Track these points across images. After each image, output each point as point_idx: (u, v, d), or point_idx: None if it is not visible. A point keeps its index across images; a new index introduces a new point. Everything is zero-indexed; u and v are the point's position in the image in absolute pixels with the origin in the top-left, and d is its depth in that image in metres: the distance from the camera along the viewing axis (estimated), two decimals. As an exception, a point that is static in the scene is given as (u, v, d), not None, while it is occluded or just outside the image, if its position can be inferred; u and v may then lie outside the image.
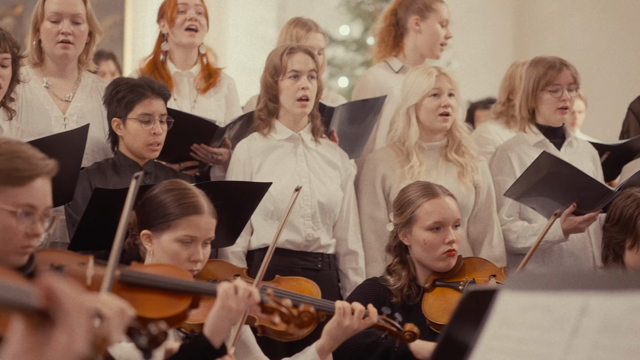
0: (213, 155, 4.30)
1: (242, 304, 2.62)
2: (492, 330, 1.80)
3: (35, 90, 4.12)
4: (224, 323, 2.64)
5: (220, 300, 2.61)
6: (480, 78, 8.72)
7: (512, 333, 1.75)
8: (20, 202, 2.34)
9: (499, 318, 1.80)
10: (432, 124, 4.30)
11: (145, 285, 2.55)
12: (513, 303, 1.79)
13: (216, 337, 2.62)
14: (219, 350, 2.63)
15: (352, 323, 3.12)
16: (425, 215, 3.62)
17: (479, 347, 1.80)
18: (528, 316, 1.74)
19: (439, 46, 4.84)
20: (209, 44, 8.45)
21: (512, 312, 1.78)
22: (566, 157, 4.45)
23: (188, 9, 4.47)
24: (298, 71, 4.11)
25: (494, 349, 1.77)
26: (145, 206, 3.18)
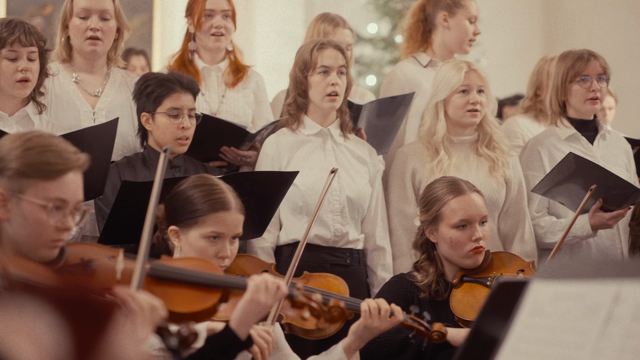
0: (242, 158, 4.30)
1: (271, 297, 2.61)
2: (523, 320, 1.78)
3: (65, 85, 4.15)
4: (251, 317, 2.62)
5: (250, 293, 2.59)
6: (509, 75, 8.67)
7: (543, 322, 1.74)
8: (51, 196, 2.34)
9: (530, 307, 1.79)
10: (460, 119, 4.29)
11: (175, 279, 2.54)
12: (544, 292, 1.78)
13: (242, 329, 2.60)
14: (244, 343, 2.61)
15: (379, 324, 3.11)
16: (452, 213, 3.59)
17: (510, 337, 1.79)
18: (560, 305, 1.73)
19: (467, 42, 4.83)
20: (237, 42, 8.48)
21: (544, 302, 1.77)
22: (599, 150, 4.45)
23: (215, 15, 4.48)
24: (328, 67, 4.10)
25: (525, 338, 1.76)
26: (173, 201, 3.17)
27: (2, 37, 3.76)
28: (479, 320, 2.17)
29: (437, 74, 4.36)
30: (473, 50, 8.73)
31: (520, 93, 6.33)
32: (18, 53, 3.77)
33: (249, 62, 4.82)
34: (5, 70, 3.78)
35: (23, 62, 3.77)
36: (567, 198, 4.23)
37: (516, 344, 1.77)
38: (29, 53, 3.79)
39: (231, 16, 4.52)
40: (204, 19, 4.46)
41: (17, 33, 3.76)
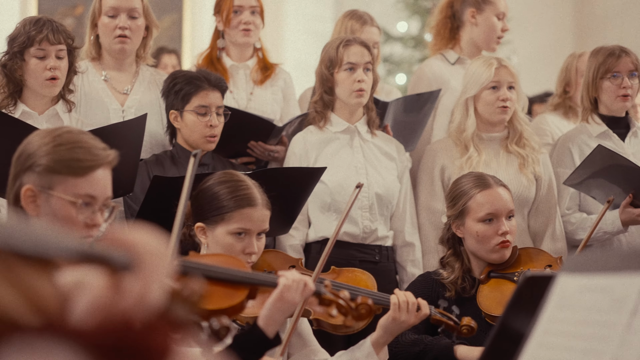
0: (270, 153, 4.31)
1: (299, 295, 2.60)
2: (549, 314, 1.78)
3: (94, 84, 4.17)
4: (280, 315, 2.61)
5: (279, 292, 2.58)
6: (540, 73, 8.62)
7: (570, 315, 1.73)
8: (81, 192, 2.34)
9: (556, 301, 1.78)
10: (490, 116, 4.27)
11: (203, 276, 2.55)
12: (571, 285, 1.77)
13: (270, 327, 2.59)
14: (272, 341, 2.59)
15: (407, 318, 3.09)
16: (478, 206, 3.57)
17: (536, 330, 1.78)
18: (586, 298, 1.72)
19: (496, 39, 4.79)
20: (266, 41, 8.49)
21: (570, 295, 1.76)
22: (630, 147, 4.41)
23: (243, 11, 4.49)
24: (354, 63, 4.09)
25: (551, 331, 1.75)
26: (199, 198, 3.18)
27: (30, 36, 3.78)
28: (505, 315, 2.17)
29: (467, 70, 4.35)
30: (503, 47, 8.75)
31: (549, 90, 6.29)
32: (46, 51, 3.79)
33: (278, 60, 4.83)
34: (34, 68, 3.80)
35: (51, 61, 3.79)
36: (599, 192, 4.19)
37: (543, 338, 1.76)
38: (58, 51, 3.81)
39: (259, 12, 4.54)
40: (232, 15, 4.48)
41: (45, 31, 3.78)
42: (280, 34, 9.19)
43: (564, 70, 5.16)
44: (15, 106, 3.86)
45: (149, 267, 1.25)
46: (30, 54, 3.80)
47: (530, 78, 8.11)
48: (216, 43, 4.58)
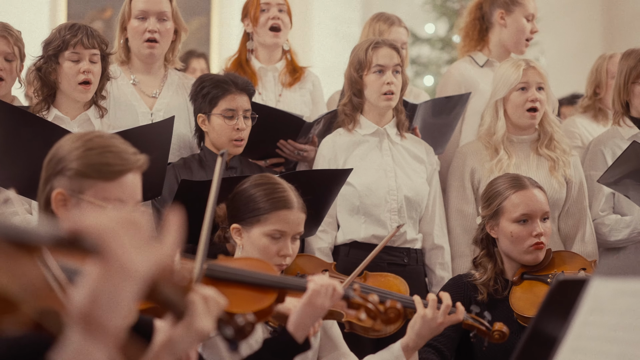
0: (299, 152, 4.30)
1: (328, 300, 2.60)
2: (582, 318, 1.75)
3: (123, 87, 4.19)
4: (309, 319, 2.61)
5: (309, 297, 2.58)
6: (568, 75, 8.57)
7: (603, 320, 1.71)
8: (110, 197, 2.33)
9: (590, 305, 1.76)
10: (519, 119, 4.25)
11: (232, 279, 2.53)
12: (605, 289, 1.75)
13: (299, 332, 2.59)
14: (302, 346, 2.59)
15: (436, 316, 3.04)
16: (513, 207, 3.56)
17: (569, 335, 1.76)
18: (620, 302, 1.70)
19: (525, 41, 4.76)
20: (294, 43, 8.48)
21: (604, 299, 1.74)
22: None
23: (270, 8, 4.52)
24: (383, 66, 4.09)
25: (584, 336, 1.73)
26: (235, 200, 3.20)
27: (65, 40, 3.82)
28: (538, 318, 2.15)
29: (496, 73, 4.34)
30: (532, 49, 8.71)
31: (577, 92, 6.24)
32: (80, 55, 3.82)
33: (306, 63, 4.83)
34: (68, 72, 3.82)
35: (85, 64, 3.82)
36: (634, 193, 4.16)
37: (575, 342, 1.74)
38: (91, 55, 3.83)
39: (286, 11, 4.55)
40: (260, 13, 4.50)
41: (80, 35, 3.81)
42: (308, 37, 9.19)
43: (594, 71, 5.12)
44: (48, 111, 3.89)
45: (114, 244, 1.29)
46: (64, 57, 3.83)
47: (559, 80, 8.04)
48: (245, 46, 4.59)
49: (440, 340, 3.41)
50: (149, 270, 1.34)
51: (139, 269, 1.32)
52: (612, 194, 4.38)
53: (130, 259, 1.31)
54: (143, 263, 1.33)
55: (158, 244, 1.38)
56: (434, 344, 3.41)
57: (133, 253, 1.32)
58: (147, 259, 1.34)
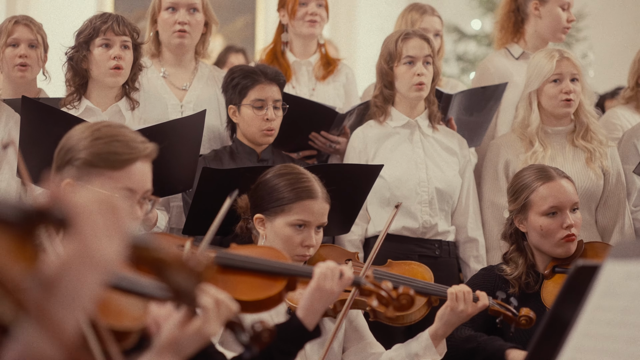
0: (331, 144, 4.27)
1: (337, 285, 2.54)
2: (595, 302, 1.72)
3: (153, 80, 4.20)
4: (318, 305, 2.54)
5: (316, 281, 2.53)
6: (617, 70, 8.43)
7: (615, 303, 1.67)
8: (119, 185, 2.32)
9: (602, 289, 1.72)
10: (553, 110, 4.17)
11: (240, 267, 2.52)
12: (617, 272, 1.71)
13: (309, 319, 2.53)
14: (312, 332, 2.53)
15: (465, 307, 3.05)
16: (541, 200, 3.47)
17: (581, 319, 1.72)
18: (632, 285, 1.66)
19: (562, 30, 4.68)
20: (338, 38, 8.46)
21: (616, 282, 1.70)
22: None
23: (309, 2, 4.50)
24: (413, 57, 4.05)
25: (596, 320, 1.69)
26: (258, 190, 3.19)
27: (95, 27, 3.84)
28: (556, 304, 2.10)
29: (529, 64, 4.27)
30: (580, 45, 8.61)
31: (621, 85, 6.13)
32: (111, 41, 3.83)
33: (352, 60, 4.82)
34: (99, 58, 3.83)
35: (116, 49, 3.82)
36: None
37: (587, 327, 1.70)
38: (122, 42, 3.84)
39: (324, 6, 4.53)
40: (298, 7, 4.48)
41: (110, 22, 3.83)
42: (352, 32, 9.18)
43: (636, 62, 5.01)
44: (79, 101, 3.90)
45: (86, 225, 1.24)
46: (95, 44, 3.84)
47: (607, 75, 7.96)
48: (280, 37, 4.58)
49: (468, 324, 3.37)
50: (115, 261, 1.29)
51: (105, 256, 1.27)
52: (646, 188, 4.29)
53: (99, 244, 1.26)
54: (111, 252, 1.28)
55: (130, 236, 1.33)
56: None
57: (103, 239, 1.27)
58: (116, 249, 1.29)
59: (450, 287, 3.10)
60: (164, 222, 3.77)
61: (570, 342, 1.71)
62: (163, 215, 3.79)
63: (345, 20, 9.28)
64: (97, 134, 2.37)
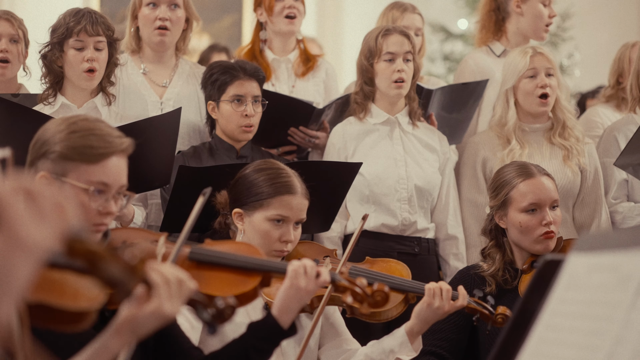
0: (310, 139, 4.27)
1: (312, 283, 2.51)
2: (558, 294, 1.72)
3: (133, 77, 4.19)
4: (293, 302, 2.51)
5: (289, 279, 2.51)
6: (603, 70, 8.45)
7: (578, 296, 1.67)
8: (94, 179, 2.32)
9: (566, 281, 1.73)
10: (530, 107, 4.19)
11: (215, 263, 2.50)
12: (580, 265, 1.72)
13: (284, 316, 2.50)
14: (287, 331, 2.51)
15: (442, 304, 3.05)
16: (521, 196, 3.48)
17: (546, 312, 1.72)
18: (594, 277, 1.66)
19: (544, 27, 4.68)
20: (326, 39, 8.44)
21: (579, 275, 1.70)
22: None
23: None
24: (393, 53, 4.05)
25: (560, 313, 1.69)
26: (237, 185, 3.19)
27: (69, 27, 3.80)
28: (525, 298, 2.10)
29: (504, 63, 4.30)
30: (566, 45, 8.62)
31: (602, 84, 6.15)
32: (84, 43, 3.80)
33: (337, 61, 4.81)
34: (72, 60, 3.81)
35: (89, 52, 3.80)
36: None
37: (551, 319, 1.70)
38: (96, 42, 3.81)
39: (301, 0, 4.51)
40: (275, 2, 4.46)
41: (83, 22, 3.79)
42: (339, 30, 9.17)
43: (616, 60, 5.04)
44: (55, 98, 3.88)
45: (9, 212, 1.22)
46: (69, 45, 3.82)
47: (593, 75, 7.96)
48: (258, 36, 4.56)
49: (441, 345, 3.38)
50: (47, 245, 1.25)
51: (35, 240, 1.23)
52: (626, 180, 4.31)
53: (26, 229, 1.23)
54: (40, 235, 1.24)
55: (59, 218, 1.30)
56: (435, 350, 3.38)
57: (30, 224, 1.24)
58: (46, 233, 1.25)
59: (428, 284, 3.10)
60: (140, 218, 3.77)
61: (534, 334, 1.71)
62: (140, 211, 3.79)
63: (332, 18, 9.28)
64: (73, 127, 2.36)
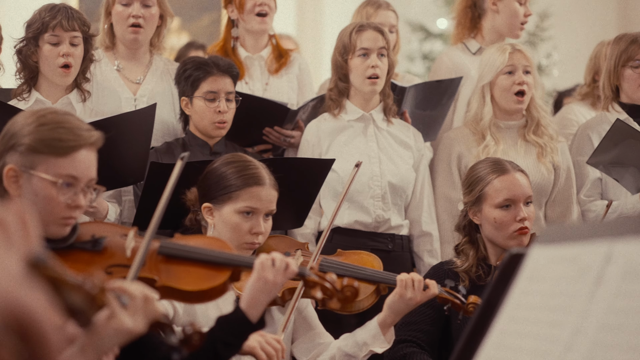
0: (285, 139, 4.27)
1: (280, 276, 2.49)
2: (521, 286, 1.73)
3: (107, 73, 4.17)
4: (261, 296, 2.48)
5: (257, 271, 2.49)
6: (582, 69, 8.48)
7: (540, 287, 1.69)
8: (62, 172, 2.31)
9: (528, 273, 1.74)
10: (506, 103, 4.20)
11: (184, 257, 2.49)
12: (542, 257, 1.73)
13: (253, 310, 2.47)
14: (255, 324, 2.49)
15: (414, 295, 3.07)
16: (495, 192, 3.49)
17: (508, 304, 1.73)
18: (555, 269, 1.67)
19: (519, 25, 4.69)
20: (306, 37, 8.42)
21: (541, 267, 1.72)
22: (652, 136, 4.28)
23: None
24: (367, 49, 4.04)
25: (522, 305, 1.70)
26: (206, 179, 3.18)
27: (44, 22, 3.79)
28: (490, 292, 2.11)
29: (482, 58, 4.30)
30: (545, 44, 8.64)
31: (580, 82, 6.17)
32: (60, 38, 3.79)
33: (317, 61, 4.79)
34: (48, 55, 3.80)
35: (65, 47, 3.78)
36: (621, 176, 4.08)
37: (513, 311, 1.71)
38: (72, 38, 3.80)
39: None
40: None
41: (59, 17, 3.77)
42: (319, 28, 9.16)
43: (592, 58, 5.05)
44: (29, 93, 3.86)
45: None
46: (44, 40, 3.80)
47: (571, 74, 7.99)
48: (230, 33, 4.54)
49: (416, 336, 3.39)
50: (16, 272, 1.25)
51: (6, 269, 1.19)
52: (599, 179, 4.32)
53: None
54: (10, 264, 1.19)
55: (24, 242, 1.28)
56: (413, 339, 3.39)
57: None
58: (15, 259, 1.20)
59: (400, 275, 3.11)
60: (114, 214, 3.76)
61: (496, 326, 1.72)
62: (114, 207, 3.78)
63: (311, 16, 9.27)
64: (42, 120, 2.36)
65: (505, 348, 1.66)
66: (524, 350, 1.60)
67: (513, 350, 1.63)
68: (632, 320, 1.40)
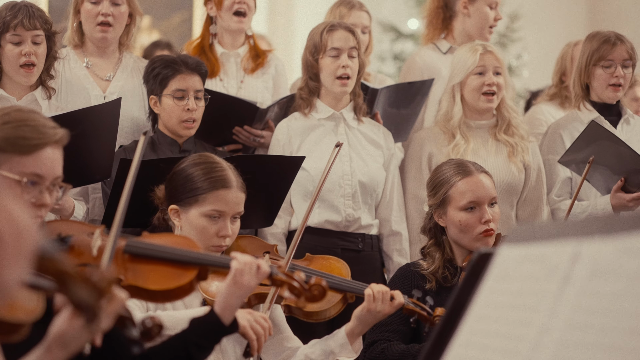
0: (255, 138, 4.25)
1: (254, 278, 2.49)
2: (490, 285, 1.73)
3: (75, 70, 4.14)
4: (235, 300, 2.49)
5: (233, 276, 2.48)
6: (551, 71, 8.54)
7: (508, 286, 1.69)
8: (27, 171, 2.27)
9: (496, 272, 1.74)
10: (476, 103, 4.21)
11: (151, 256, 2.47)
12: (510, 256, 1.73)
13: (226, 313, 2.48)
14: (229, 327, 2.49)
15: (382, 308, 3.05)
16: (460, 195, 3.48)
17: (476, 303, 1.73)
18: (523, 268, 1.68)
19: (488, 29, 4.71)
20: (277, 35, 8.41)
21: (509, 266, 1.72)
22: (622, 134, 4.30)
23: None
24: (338, 49, 4.04)
25: (491, 304, 1.71)
26: (173, 180, 3.15)
27: (5, 21, 3.76)
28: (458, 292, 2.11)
29: (453, 58, 4.31)
30: (515, 45, 8.67)
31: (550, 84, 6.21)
32: (22, 37, 3.76)
33: (289, 54, 4.78)
34: (9, 54, 3.77)
35: (27, 46, 3.75)
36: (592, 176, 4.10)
37: (482, 310, 1.72)
38: (34, 37, 3.77)
39: None
40: None
41: (20, 16, 3.74)
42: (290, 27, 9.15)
43: (560, 59, 5.09)
44: None
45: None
46: (6, 39, 3.76)
47: (541, 75, 8.02)
48: (208, 31, 4.52)
49: (390, 336, 3.38)
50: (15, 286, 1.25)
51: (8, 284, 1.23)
52: (569, 178, 4.34)
53: None
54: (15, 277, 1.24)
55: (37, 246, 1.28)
56: (386, 339, 3.38)
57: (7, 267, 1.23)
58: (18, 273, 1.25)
59: (367, 288, 3.08)
60: (82, 212, 3.73)
61: (464, 325, 1.72)
62: (81, 205, 3.75)
63: (283, 15, 9.26)
64: (6, 118, 2.32)
65: (474, 347, 1.66)
66: (492, 349, 1.60)
67: (481, 349, 1.63)
68: (598, 319, 1.40)
